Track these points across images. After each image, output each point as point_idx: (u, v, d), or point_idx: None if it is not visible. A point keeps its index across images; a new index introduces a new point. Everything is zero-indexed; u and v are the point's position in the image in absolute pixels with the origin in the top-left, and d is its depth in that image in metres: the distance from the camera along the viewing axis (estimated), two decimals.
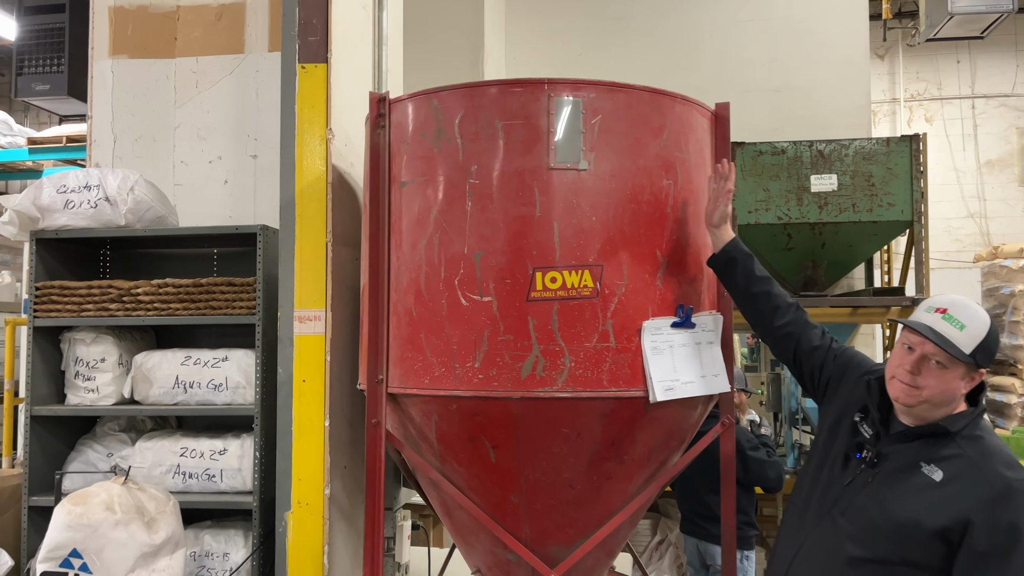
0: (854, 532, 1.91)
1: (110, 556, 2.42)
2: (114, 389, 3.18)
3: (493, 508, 2.38)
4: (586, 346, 2.21)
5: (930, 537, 1.79)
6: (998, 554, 1.74)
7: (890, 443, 1.94)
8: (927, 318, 1.89)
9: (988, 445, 1.85)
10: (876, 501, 1.89)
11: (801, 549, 2.00)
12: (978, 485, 1.79)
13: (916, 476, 1.87)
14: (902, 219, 4.89)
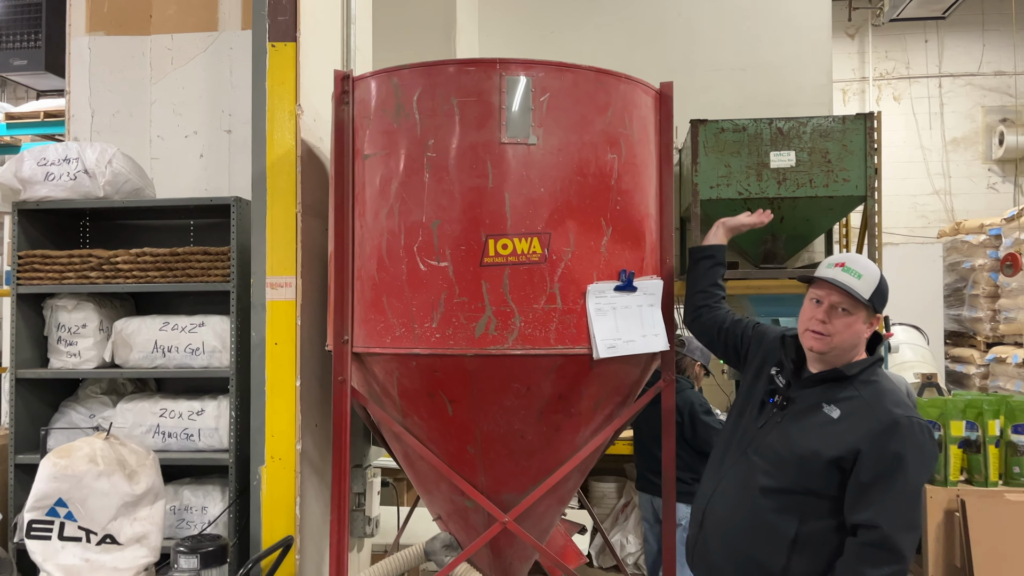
0: (764, 466, 2.15)
1: (94, 505, 2.59)
2: (95, 354, 3.33)
3: (451, 458, 2.57)
4: (535, 307, 2.39)
5: (826, 466, 2.02)
6: (883, 479, 1.96)
7: (798, 388, 2.18)
8: (830, 272, 2.14)
9: (881, 388, 2.07)
10: (782, 438, 2.13)
11: (719, 485, 2.25)
12: (869, 420, 2.02)
13: (817, 415, 2.11)
14: (856, 194, 5.09)
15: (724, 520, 2.23)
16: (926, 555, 4.07)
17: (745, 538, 2.18)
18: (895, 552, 1.98)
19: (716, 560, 2.25)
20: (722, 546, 2.23)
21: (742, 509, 2.19)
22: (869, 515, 2.00)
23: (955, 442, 4.08)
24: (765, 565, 2.14)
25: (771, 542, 2.13)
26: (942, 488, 4.06)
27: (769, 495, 2.13)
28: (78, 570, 2.55)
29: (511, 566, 2.78)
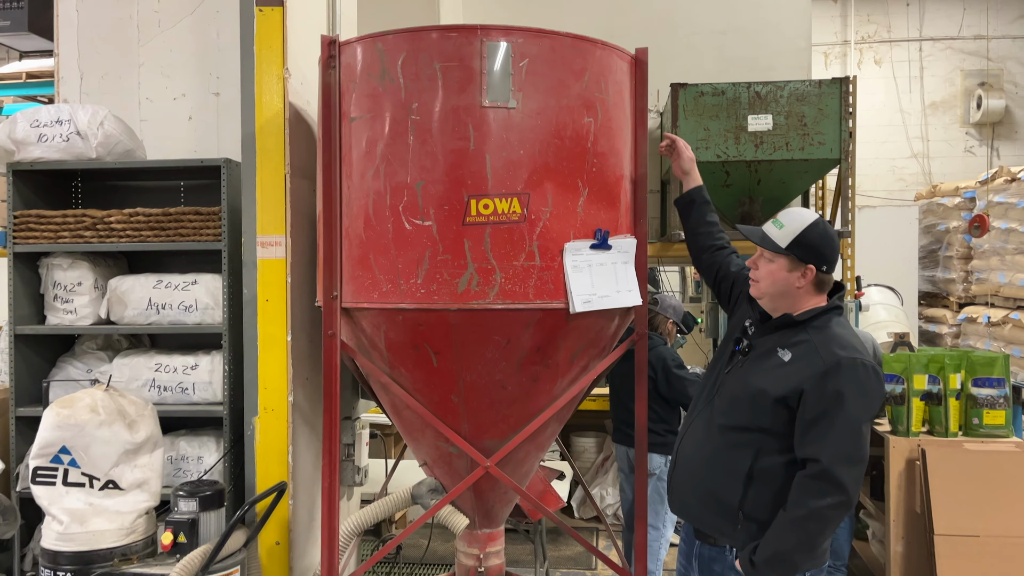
0: (722, 406, 2.34)
1: (96, 452, 2.72)
2: (91, 311, 3.45)
3: (436, 407, 2.72)
4: (515, 264, 2.52)
5: (774, 404, 2.19)
6: (825, 416, 2.13)
7: (758, 335, 2.35)
8: (764, 226, 2.37)
9: (831, 333, 2.23)
10: (739, 380, 2.32)
11: (689, 428, 2.44)
12: (814, 362, 2.18)
13: (771, 358, 2.29)
14: (831, 157, 5.22)
15: (689, 458, 2.42)
16: (888, 502, 4.28)
17: (706, 473, 2.36)
18: (836, 484, 2.14)
19: (684, 496, 2.44)
20: (688, 482, 2.41)
21: (704, 447, 2.37)
22: (812, 450, 2.17)
23: (918, 395, 4.28)
24: (724, 498, 2.32)
25: (729, 476, 2.30)
26: (904, 438, 4.27)
27: (726, 433, 2.31)
28: (83, 513, 2.70)
29: (493, 508, 2.95)
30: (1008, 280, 7.69)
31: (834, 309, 2.32)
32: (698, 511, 2.43)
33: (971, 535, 3.97)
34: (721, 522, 2.35)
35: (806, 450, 2.18)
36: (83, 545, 2.67)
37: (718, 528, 2.37)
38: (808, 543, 2.20)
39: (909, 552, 4.22)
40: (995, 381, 4.19)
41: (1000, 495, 3.97)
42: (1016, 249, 7.62)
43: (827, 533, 2.23)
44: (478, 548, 2.97)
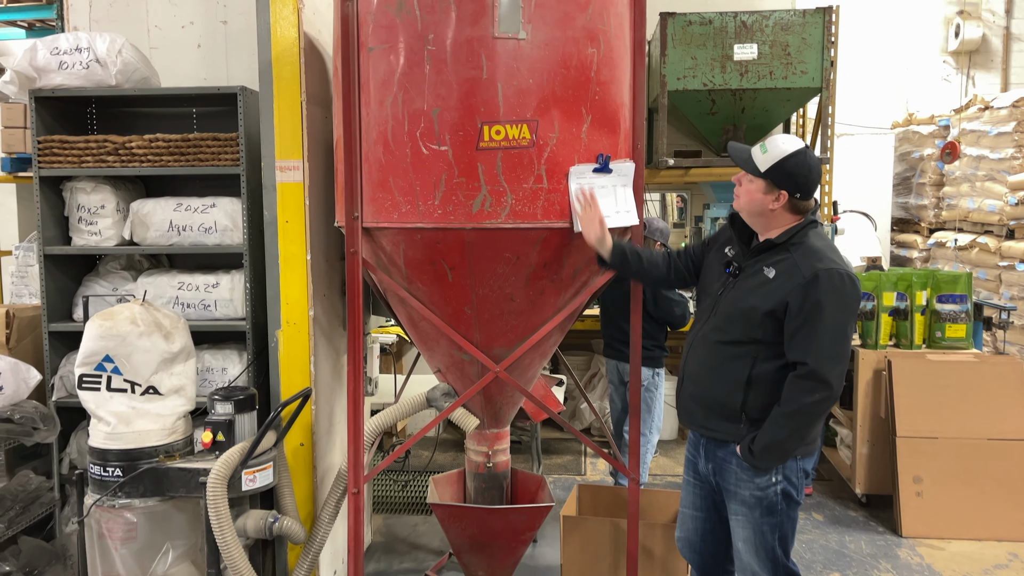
0: (719, 324, 2.60)
1: (137, 360, 2.95)
2: (115, 232, 3.63)
3: (451, 318, 2.97)
4: (524, 187, 2.74)
5: (763, 318, 2.46)
6: (808, 323, 2.40)
7: (746, 258, 2.61)
8: (752, 148, 2.60)
9: (808, 247, 2.49)
10: (732, 299, 2.58)
11: (692, 346, 2.74)
12: (795, 276, 2.45)
13: (758, 277, 2.54)
14: (813, 86, 5.41)
15: (694, 373, 2.70)
16: (856, 409, 4.66)
17: (711, 384, 2.64)
18: (823, 382, 2.42)
19: (692, 407, 2.73)
20: (695, 394, 2.70)
21: (707, 362, 2.65)
22: (799, 354, 2.45)
23: (886, 311, 4.61)
24: (727, 403, 2.59)
25: (730, 384, 2.58)
26: (872, 351, 4.62)
27: (725, 347, 2.59)
28: (127, 416, 2.94)
29: (500, 410, 3.24)
30: (977, 206, 8.01)
31: (809, 224, 2.56)
32: (705, 419, 2.68)
33: (929, 437, 4.36)
34: (726, 424, 2.62)
35: (794, 354, 2.46)
36: (129, 443, 2.93)
37: (723, 430, 2.63)
38: (799, 433, 2.50)
39: (873, 453, 4.61)
40: (958, 297, 4.52)
41: (957, 401, 4.35)
42: (986, 176, 7.91)
43: (816, 424, 2.54)
44: (487, 446, 3.27)
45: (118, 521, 2.96)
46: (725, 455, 2.64)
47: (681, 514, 2.91)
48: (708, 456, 2.72)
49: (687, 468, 2.86)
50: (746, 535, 2.63)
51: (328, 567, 3.53)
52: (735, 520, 2.67)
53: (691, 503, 2.85)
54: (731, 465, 2.63)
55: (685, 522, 2.89)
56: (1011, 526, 4.24)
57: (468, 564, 3.31)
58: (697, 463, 2.79)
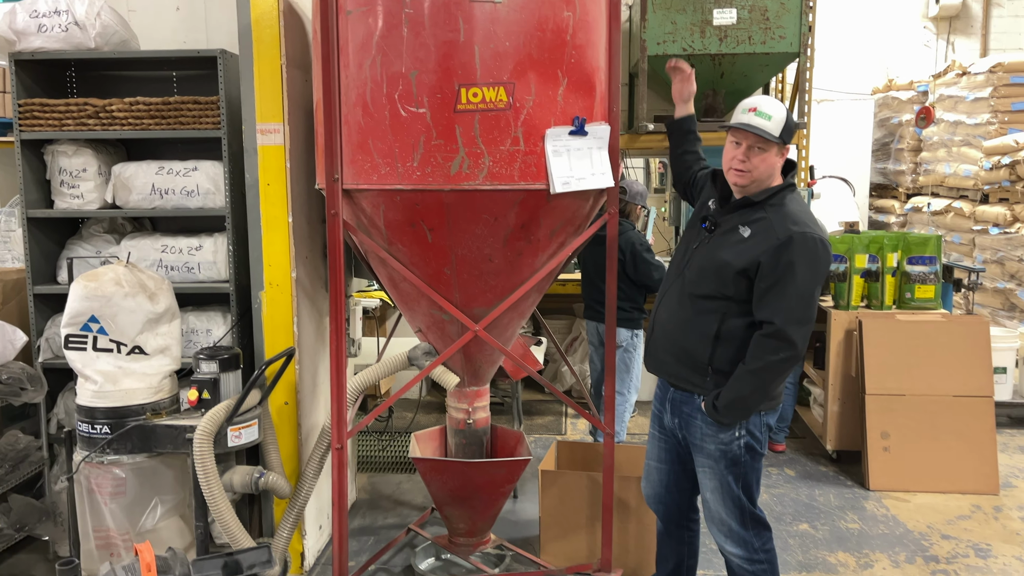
0: (692, 278, 2.67)
1: (122, 320, 3.01)
2: (97, 196, 3.65)
3: (430, 279, 3.04)
4: (501, 149, 2.79)
5: (735, 275, 2.54)
6: (778, 284, 2.48)
7: (722, 215, 2.67)
8: (745, 117, 2.57)
9: (786, 210, 2.55)
10: (706, 254, 2.64)
11: (664, 297, 2.80)
12: (770, 237, 2.51)
13: (734, 234, 2.61)
14: (791, 51, 5.46)
15: (665, 323, 2.78)
16: (828, 368, 4.78)
17: (680, 335, 2.72)
18: (788, 341, 2.51)
19: (661, 355, 2.81)
20: (664, 343, 2.78)
21: (679, 314, 2.71)
22: (768, 313, 2.52)
23: (858, 272, 4.72)
24: (695, 355, 2.67)
25: (699, 337, 2.66)
26: (844, 312, 4.73)
27: (696, 301, 2.65)
28: (114, 375, 3.00)
29: (480, 368, 3.32)
30: (953, 171, 8.12)
31: (788, 187, 2.63)
32: (673, 367, 2.75)
33: (897, 394, 4.50)
34: (693, 375, 2.69)
35: (763, 313, 2.52)
36: (116, 401, 2.99)
37: (690, 380, 2.71)
38: (762, 389, 2.59)
39: (844, 410, 4.75)
40: (927, 259, 4.64)
41: (925, 359, 4.48)
42: (962, 141, 8.01)
43: (778, 382, 2.64)
44: (467, 403, 3.37)
45: (107, 477, 3.04)
46: (691, 411, 2.73)
47: (647, 467, 3.00)
48: (674, 411, 2.80)
49: (653, 422, 2.95)
50: (713, 486, 2.74)
51: (314, 521, 3.64)
52: (702, 472, 2.76)
53: (656, 456, 2.94)
54: (696, 420, 2.71)
55: (651, 474, 2.98)
56: (974, 479, 4.41)
57: (449, 517, 3.42)
58: (663, 417, 2.87)
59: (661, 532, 3.08)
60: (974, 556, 3.72)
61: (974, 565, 3.63)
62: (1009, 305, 7.17)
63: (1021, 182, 6.94)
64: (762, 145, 2.54)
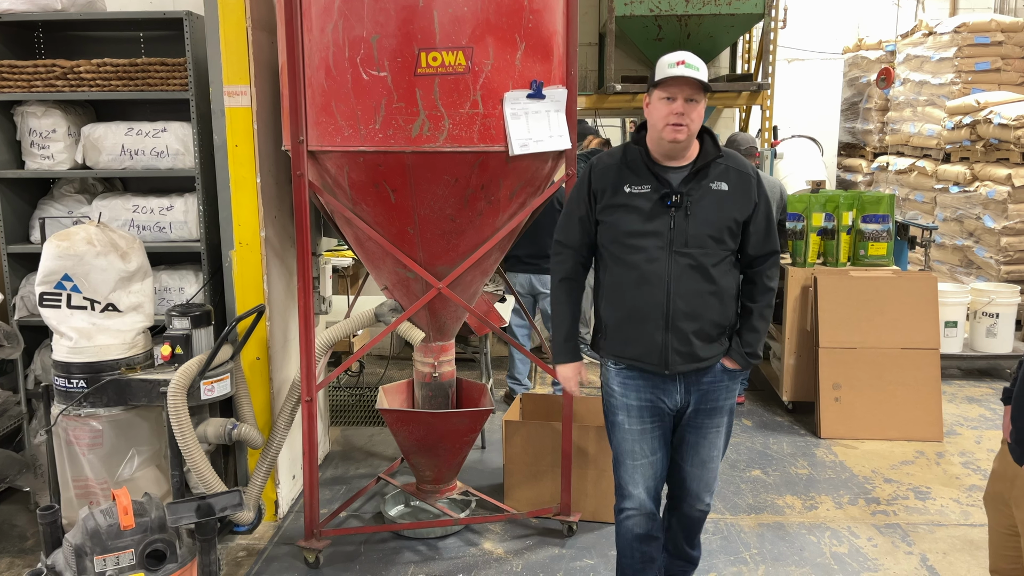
0: (692, 251, 2.53)
1: (95, 279, 3.10)
2: (67, 156, 3.71)
3: (395, 238, 3.15)
4: (461, 112, 2.89)
5: (739, 225, 2.57)
6: (767, 217, 2.60)
7: (685, 184, 2.54)
8: (676, 70, 2.43)
9: (728, 154, 2.62)
10: (701, 222, 2.53)
11: (671, 281, 2.53)
12: (745, 180, 2.58)
13: (712, 194, 2.55)
14: (756, 12, 5.56)
15: (686, 307, 2.53)
16: (784, 323, 4.96)
17: (707, 309, 2.55)
18: (779, 260, 2.69)
19: (683, 345, 2.55)
20: (693, 327, 2.54)
21: (700, 288, 2.53)
22: (771, 244, 2.62)
23: (815, 231, 4.88)
24: (723, 321, 2.59)
25: (725, 302, 2.58)
26: (801, 268, 4.90)
27: (712, 268, 2.53)
28: (88, 331, 3.11)
29: (445, 324, 3.46)
30: (917, 130, 8.28)
31: (708, 133, 2.66)
32: (701, 350, 2.57)
33: (849, 347, 4.70)
34: (718, 343, 2.60)
35: (768, 245, 2.61)
36: (92, 357, 3.10)
37: (715, 353, 2.60)
38: (772, 313, 2.69)
39: (799, 364, 4.95)
40: (880, 217, 4.80)
41: (876, 314, 4.67)
42: (927, 101, 8.16)
43: None
44: (433, 358, 3.51)
45: (84, 429, 3.16)
46: (712, 377, 2.64)
47: (637, 467, 2.70)
48: (690, 388, 2.63)
49: (642, 416, 2.67)
50: (719, 443, 2.72)
51: (287, 471, 3.79)
52: (715, 432, 2.69)
53: (651, 449, 2.69)
54: (722, 382, 2.65)
55: (645, 471, 2.70)
56: (918, 427, 4.64)
57: (416, 465, 3.58)
58: (662, 403, 2.65)
59: (651, 531, 2.77)
60: (913, 498, 3.95)
61: (912, 506, 3.86)
62: (967, 261, 7.39)
63: (981, 141, 7.11)
64: (696, 97, 2.46)
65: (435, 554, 3.42)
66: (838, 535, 3.58)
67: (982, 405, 5.27)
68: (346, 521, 3.72)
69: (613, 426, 2.74)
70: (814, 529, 3.62)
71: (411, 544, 3.50)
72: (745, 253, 2.64)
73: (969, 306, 5.70)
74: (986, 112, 6.94)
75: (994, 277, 6.81)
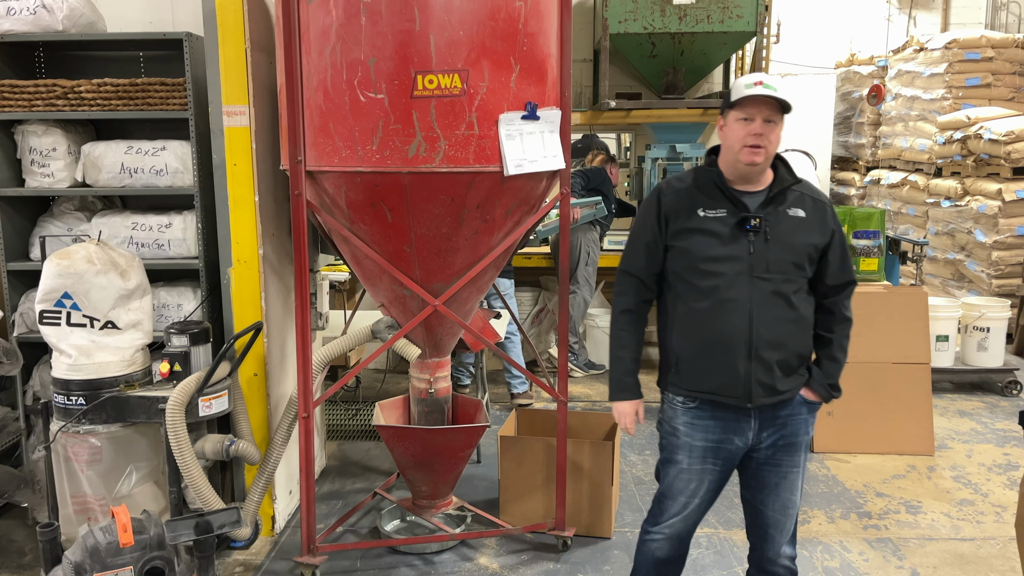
0: (773, 276, 2.44)
1: (95, 297, 3.14)
2: (67, 174, 3.75)
3: (391, 256, 3.19)
4: (457, 133, 2.94)
5: (818, 252, 2.51)
6: (841, 246, 2.55)
7: (761, 209, 2.46)
8: (754, 90, 2.36)
9: (806, 183, 2.56)
10: (782, 248, 2.45)
11: (753, 308, 2.43)
12: (820, 207, 2.52)
13: (789, 220, 2.47)
14: (748, 30, 5.64)
15: (770, 337, 2.43)
16: None
17: (790, 338, 2.46)
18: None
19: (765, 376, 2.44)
20: (777, 357, 2.44)
21: (782, 316, 2.44)
22: (848, 274, 2.54)
23: None
24: (802, 351, 2.50)
25: (804, 330, 2.50)
26: None
27: (793, 296, 2.45)
28: (88, 349, 3.14)
29: (440, 341, 3.50)
30: (909, 145, 8.36)
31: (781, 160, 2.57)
32: (781, 383, 2.46)
33: None
34: (796, 378, 2.51)
35: (844, 275, 2.53)
36: (91, 374, 3.13)
37: (794, 385, 2.51)
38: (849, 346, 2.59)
39: None
40: (871, 233, 4.86)
41: (867, 329, 4.71)
42: (919, 116, 8.24)
43: None
44: (429, 374, 3.54)
45: (83, 445, 3.19)
46: (791, 409, 2.53)
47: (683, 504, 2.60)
48: (764, 424, 2.51)
49: (704, 458, 2.56)
50: (799, 484, 2.61)
51: (284, 486, 3.82)
52: (795, 473, 2.58)
53: (705, 490, 2.59)
54: (801, 415, 2.55)
55: (692, 510, 2.61)
56: (910, 440, 4.68)
57: (412, 481, 3.61)
58: (732, 443, 2.54)
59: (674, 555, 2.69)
60: (905, 512, 3.99)
61: (904, 520, 3.90)
62: (959, 275, 7.46)
63: (972, 156, 7.19)
64: (775, 118, 2.38)
65: (431, 569, 3.45)
66: (830, 549, 3.61)
67: (973, 419, 5.32)
68: (343, 536, 3.75)
69: (670, 464, 2.62)
70: (806, 543, 3.66)
71: (407, 559, 3.53)
72: (822, 282, 2.53)
73: (960, 320, 5.76)
74: (976, 127, 7.02)
75: (985, 291, 6.87)
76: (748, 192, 2.49)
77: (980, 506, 4.06)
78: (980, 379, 5.89)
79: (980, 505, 4.07)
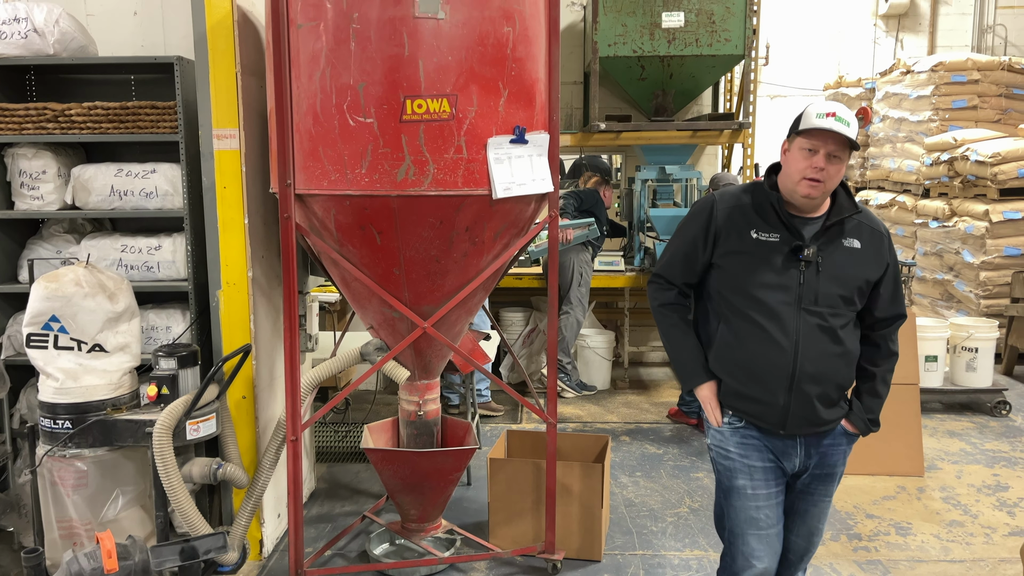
0: (821, 309, 2.40)
1: (83, 319, 3.13)
2: (57, 197, 3.75)
3: (381, 278, 3.20)
4: (445, 157, 2.96)
5: (870, 285, 2.45)
6: (895, 278, 2.50)
7: (817, 238, 2.41)
8: (825, 122, 2.28)
9: (866, 211, 2.51)
10: (833, 281, 2.40)
11: (800, 341, 2.38)
12: (877, 238, 2.47)
13: (842, 250, 2.42)
14: (736, 53, 5.69)
15: (815, 370, 2.38)
16: None
17: (835, 371, 2.42)
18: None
19: (808, 409, 2.41)
20: (820, 391, 2.40)
21: (828, 350, 2.39)
22: (898, 307, 2.49)
23: None
24: (845, 384, 2.47)
25: (849, 363, 2.46)
26: None
27: (840, 329, 2.40)
28: (75, 372, 3.13)
29: (430, 363, 3.50)
30: (897, 166, 8.43)
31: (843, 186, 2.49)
32: (824, 414, 2.44)
33: None
34: (837, 410, 2.48)
35: (894, 308, 2.48)
36: (78, 398, 3.11)
37: (835, 416, 2.48)
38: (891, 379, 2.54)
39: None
40: None
41: None
42: (906, 137, 8.32)
43: None
44: (418, 396, 3.54)
45: (69, 470, 3.17)
46: (832, 438, 2.52)
47: (759, 537, 2.50)
48: (809, 451, 2.50)
49: (767, 479, 2.49)
50: (827, 512, 2.65)
51: (272, 510, 3.79)
52: (825, 501, 2.60)
53: (776, 516, 2.52)
54: (840, 445, 2.54)
55: (771, 543, 2.51)
56: (899, 462, 4.68)
57: (401, 504, 3.60)
58: (783, 465, 2.51)
59: None
60: (895, 534, 3.98)
61: (894, 542, 3.90)
62: (947, 295, 7.50)
63: (959, 178, 7.25)
64: (840, 154, 2.31)
65: None
66: (820, 572, 3.61)
67: (963, 439, 5.33)
68: (331, 560, 3.72)
69: (732, 492, 2.52)
70: None
71: None
72: (870, 314, 2.48)
73: (949, 340, 5.78)
74: (963, 149, 7.09)
75: (974, 311, 6.90)
76: (805, 218, 2.43)
77: (969, 527, 4.06)
78: (969, 399, 5.91)
79: (969, 527, 4.07)
